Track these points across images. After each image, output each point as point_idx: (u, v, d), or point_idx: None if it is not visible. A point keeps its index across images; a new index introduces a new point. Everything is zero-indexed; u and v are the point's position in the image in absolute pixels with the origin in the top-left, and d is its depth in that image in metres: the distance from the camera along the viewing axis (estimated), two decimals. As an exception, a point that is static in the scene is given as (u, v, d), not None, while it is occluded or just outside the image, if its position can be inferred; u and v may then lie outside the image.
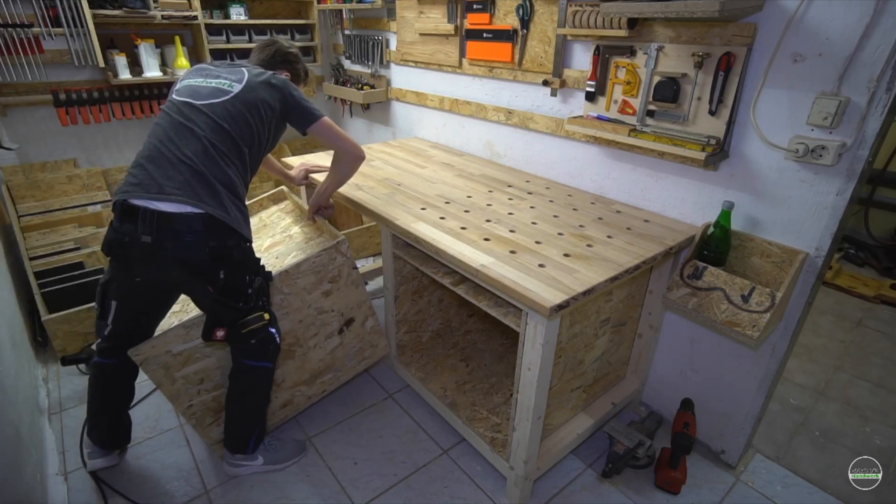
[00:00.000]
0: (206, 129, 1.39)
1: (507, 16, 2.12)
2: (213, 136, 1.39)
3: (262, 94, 1.49)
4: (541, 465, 1.63)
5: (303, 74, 1.79)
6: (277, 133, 1.61)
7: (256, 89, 1.49)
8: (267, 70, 1.60)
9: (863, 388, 2.27)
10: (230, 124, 1.42)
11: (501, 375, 2.02)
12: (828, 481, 1.78)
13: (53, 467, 1.76)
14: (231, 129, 1.42)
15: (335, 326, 1.84)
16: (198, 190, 1.32)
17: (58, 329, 2.19)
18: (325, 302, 1.77)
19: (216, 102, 1.43)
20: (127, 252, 1.35)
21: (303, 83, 1.81)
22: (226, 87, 1.47)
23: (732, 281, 1.45)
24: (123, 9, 2.48)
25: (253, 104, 1.47)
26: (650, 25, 1.64)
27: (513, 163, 2.35)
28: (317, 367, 1.86)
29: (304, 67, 1.80)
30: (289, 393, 1.83)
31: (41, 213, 2.51)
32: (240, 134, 1.44)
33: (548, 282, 1.30)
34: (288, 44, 1.75)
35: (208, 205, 1.32)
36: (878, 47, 1.23)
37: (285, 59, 1.71)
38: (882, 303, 2.96)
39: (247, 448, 1.69)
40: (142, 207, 1.29)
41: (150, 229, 1.30)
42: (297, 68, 1.76)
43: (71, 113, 2.60)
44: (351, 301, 1.84)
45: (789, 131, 1.42)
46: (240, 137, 1.44)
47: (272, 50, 1.70)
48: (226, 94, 1.45)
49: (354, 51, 3.16)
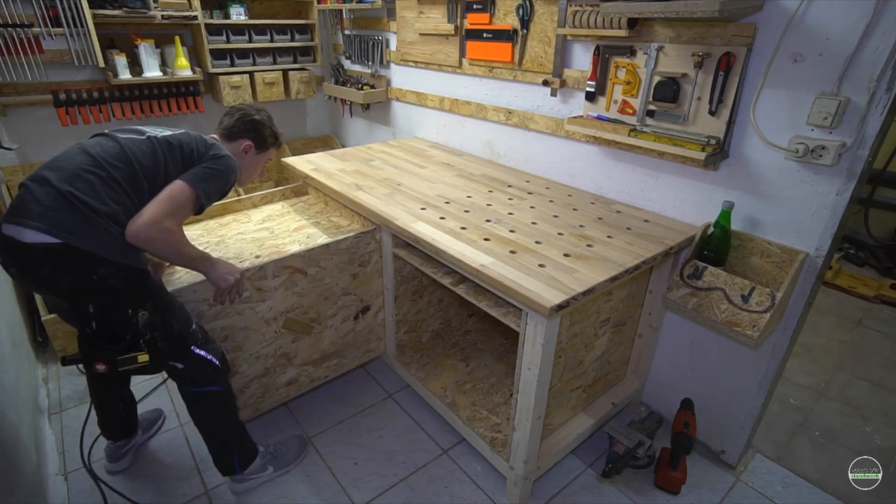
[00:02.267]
0: (104, 155, 1.31)
1: (507, 16, 2.12)
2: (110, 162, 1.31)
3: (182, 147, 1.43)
4: (541, 465, 1.63)
5: (269, 140, 1.70)
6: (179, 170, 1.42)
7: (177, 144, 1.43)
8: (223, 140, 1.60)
9: (863, 388, 2.27)
10: (139, 155, 1.35)
11: (501, 375, 2.02)
12: (828, 481, 1.78)
13: (53, 467, 1.76)
14: (137, 159, 1.34)
15: (353, 311, 1.93)
16: (61, 217, 1.20)
17: (58, 329, 2.19)
18: (350, 284, 1.87)
19: (133, 137, 1.39)
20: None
21: (272, 148, 1.73)
22: (150, 131, 1.43)
23: (732, 281, 1.45)
24: (123, 9, 2.48)
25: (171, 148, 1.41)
26: (650, 25, 1.64)
27: (513, 163, 2.35)
28: (327, 350, 1.91)
29: (273, 132, 1.71)
30: (297, 370, 1.85)
31: (41, 213, 2.51)
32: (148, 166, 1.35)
33: (548, 282, 1.30)
34: (255, 110, 1.67)
35: (70, 234, 1.20)
36: (878, 47, 1.23)
37: (248, 126, 1.63)
38: (882, 303, 2.96)
39: (233, 470, 1.63)
40: (5, 236, 1.21)
41: (11, 261, 1.24)
42: (263, 135, 1.67)
43: (71, 113, 2.59)
44: (371, 289, 1.96)
45: (789, 131, 1.42)
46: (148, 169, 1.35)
47: (237, 116, 1.63)
48: (147, 134, 1.41)
49: (354, 51, 3.16)
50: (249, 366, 1.71)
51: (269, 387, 1.80)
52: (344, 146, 3.74)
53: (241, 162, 1.63)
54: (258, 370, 1.74)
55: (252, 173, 1.72)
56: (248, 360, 1.70)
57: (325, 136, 3.78)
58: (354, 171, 2.22)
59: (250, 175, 1.72)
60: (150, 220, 1.30)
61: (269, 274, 1.64)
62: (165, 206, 1.33)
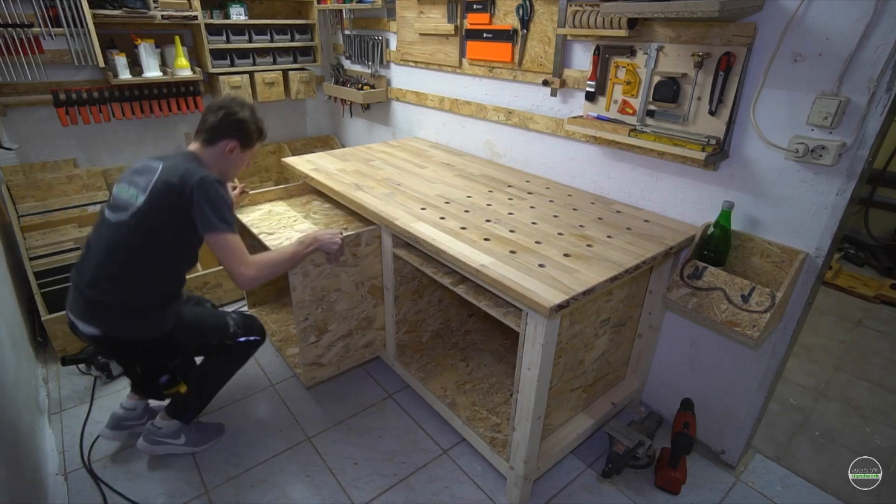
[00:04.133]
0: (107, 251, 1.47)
1: (507, 16, 2.12)
2: (111, 258, 1.47)
3: (168, 199, 1.46)
4: (541, 465, 1.63)
5: (255, 136, 1.68)
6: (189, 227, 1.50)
7: (160, 196, 1.46)
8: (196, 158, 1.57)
9: (863, 388, 2.27)
10: (129, 241, 1.46)
11: (501, 375, 2.02)
12: (828, 481, 1.77)
13: (53, 467, 1.76)
14: (130, 245, 1.46)
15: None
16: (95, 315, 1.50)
17: (58, 329, 2.19)
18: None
19: (122, 221, 1.46)
20: None
21: (258, 143, 1.72)
22: (132, 200, 1.47)
23: (732, 281, 1.45)
24: (123, 9, 2.48)
25: (156, 212, 1.46)
26: (650, 25, 1.64)
27: (513, 163, 2.35)
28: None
29: (258, 127, 1.68)
30: (374, 334, 2.06)
31: (41, 213, 2.51)
32: (141, 247, 1.47)
33: (548, 282, 1.30)
34: (239, 107, 1.63)
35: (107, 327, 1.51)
36: (878, 47, 1.23)
37: (233, 125, 1.61)
38: (882, 303, 2.96)
39: (184, 416, 1.78)
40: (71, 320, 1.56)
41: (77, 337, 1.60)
42: (248, 132, 1.65)
43: (71, 113, 2.59)
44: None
45: (789, 131, 1.42)
46: (141, 250, 1.47)
47: (220, 115, 1.60)
48: (129, 209, 1.46)
49: (354, 51, 3.16)
50: (338, 325, 1.91)
51: (350, 347, 2.00)
52: (344, 146, 3.74)
53: (224, 161, 1.63)
54: (344, 330, 1.94)
55: (237, 170, 1.71)
56: (337, 319, 1.89)
57: (325, 136, 3.78)
58: (354, 171, 2.22)
59: (236, 172, 1.72)
60: (240, 281, 1.53)
61: (363, 241, 1.84)
62: (232, 263, 1.51)
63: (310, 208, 2.21)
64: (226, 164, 1.64)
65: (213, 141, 1.60)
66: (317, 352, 1.89)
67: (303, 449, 1.87)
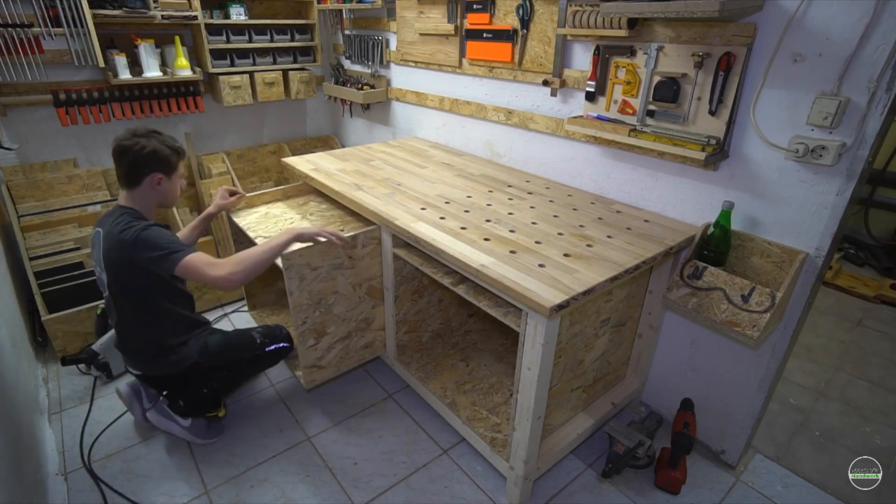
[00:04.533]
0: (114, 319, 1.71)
1: (507, 16, 2.12)
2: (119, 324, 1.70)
3: (124, 272, 1.57)
4: (541, 465, 1.63)
5: (173, 157, 1.65)
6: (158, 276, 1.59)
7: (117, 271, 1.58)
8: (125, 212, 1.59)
9: (863, 388, 2.27)
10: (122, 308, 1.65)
11: (501, 375, 2.02)
12: (828, 481, 1.78)
13: (53, 467, 1.76)
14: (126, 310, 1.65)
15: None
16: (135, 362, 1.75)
17: (58, 329, 2.19)
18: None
19: (107, 296, 1.67)
20: None
21: (180, 162, 1.70)
22: (102, 278, 1.64)
23: (732, 281, 1.45)
24: (123, 9, 2.47)
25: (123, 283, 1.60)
26: (650, 25, 1.64)
27: (513, 163, 2.35)
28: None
29: (172, 148, 1.64)
30: (373, 335, 2.06)
31: (41, 213, 2.51)
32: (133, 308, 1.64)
33: (548, 282, 1.30)
34: (144, 139, 1.58)
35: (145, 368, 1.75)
36: (878, 47, 1.23)
37: (147, 160, 1.58)
38: (882, 303, 2.96)
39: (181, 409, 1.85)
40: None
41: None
42: (165, 158, 1.62)
43: (71, 113, 2.59)
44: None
45: (789, 131, 1.42)
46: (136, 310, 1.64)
47: (127, 161, 1.57)
48: (104, 286, 1.65)
49: (354, 51, 3.16)
50: (336, 327, 1.91)
51: (349, 349, 2.00)
52: (344, 146, 3.74)
53: (157, 195, 1.66)
54: (342, 332, 1.94)
55: (175, 194, 1.72)
56: (335, 321, 1.89)
57: (325, 136, 3.78)
58: (354, 171, 2.22)
59: (174, 197, 1.72)
60: (220, 284, 1.54)
61: (360, 243, 1.83)
62: (202, 276, 1.54)
63: (307, 209, 2.21)
64: (160, 196, 1.67)
65: (136, 183, 1.60)
66: (316, 354, 1.88)
67: (303, 449, 1.87)
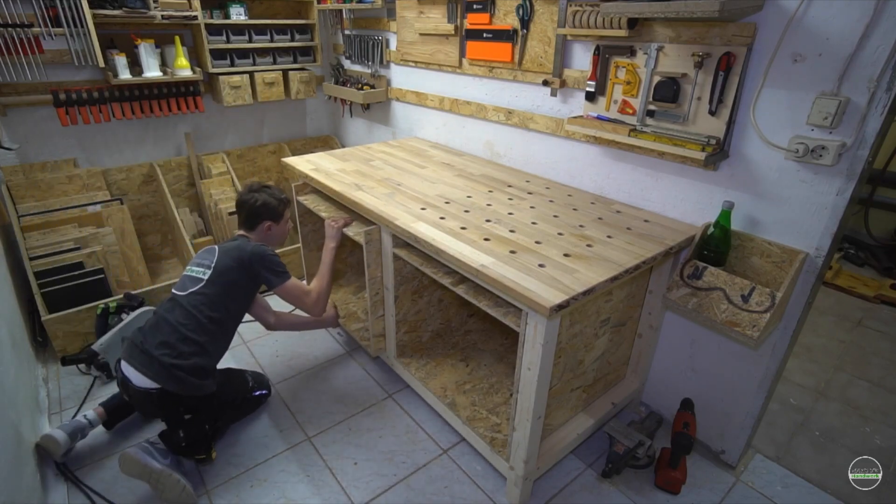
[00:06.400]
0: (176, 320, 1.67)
1: (507, 16, 2.12)
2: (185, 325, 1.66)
3: (229, 275, 1.76)
4: (541, 465, 1.63)
5: (280, 208, 1.96)
6: (251, 291, 1.87)
7: (223, 272, 1.75)
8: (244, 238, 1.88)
9: (863, 388, 2.27)
10: (199, 309, 1.69)
11: (501, 375, 2.02)
12: (828, 481, 1.77)
13: (53, 467, 1.76)
14: (200, 313, 1.68)
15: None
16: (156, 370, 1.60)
17: (58, 329, 2.20)
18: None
19: (191, 293, 1.72)
20: None
21: (286, 211, 2.00)
22: (199, 276, 1.75)
23: (732, 281, 1.45)
24: (123, 9, 2.48)
25: (221, 284, 1.74)
26: (650, 25, 1.64)
27: (513, 163, 2.35)
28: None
29: (279, 199, 1.96)
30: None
31: (41, 213, 2.51)
32: (210, 314, 1.70)
33: (548, 282, 1.30)
34: (256, 194, 1.91)
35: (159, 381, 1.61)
36: (878, 47, 1.23)
37: (259, 212, 1.91)
38: (882, 303, 2.96)
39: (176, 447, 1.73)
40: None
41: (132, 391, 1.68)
42: (272, 209, 1.93)
43: (71, 113, 2.59)
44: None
45: (789, 131, 1.42)
46: (210, 316, 1.70)
47: (245, 212, 1.92)
48: (198, 283, 1.73)
49: (354, 51, 3.16)
50: None
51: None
52: (344, 146, 3.74)
53: (269, 237, 1.96)
54: None
55: (283, 237, 2.05)
56: None
57: (325, 136, 3.78)
58: (354, 171, 2.22)
59: (282, 238, 2.05)
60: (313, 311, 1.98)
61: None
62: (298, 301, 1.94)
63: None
64: (270, 238, 1.97)
65: (252, 228, 1.93)
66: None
67: (303, 449, 1.87)
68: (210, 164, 3.14)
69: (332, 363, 2.34)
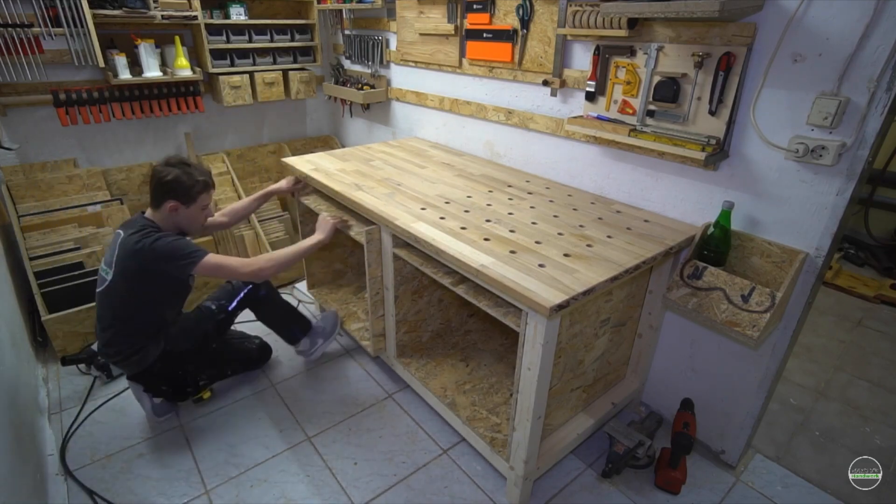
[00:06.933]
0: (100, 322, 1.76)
1: (507, 16, 2.12)
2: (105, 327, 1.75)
3: (133, 278, 1.68)
4: (541, 465, 1.63)
5: (194, 189, 1.72)
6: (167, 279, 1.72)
7: (125, 272, 1.68)
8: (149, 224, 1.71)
9: (863, 388, 2.27)
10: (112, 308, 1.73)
11: (501, 375, 2.02)
12: (828, 481, 1.78)
13: (53, 467, 1.76)
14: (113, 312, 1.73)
15: None
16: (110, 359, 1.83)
17: (58, 329, 2.19)
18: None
19: (98, 293, 1.75)
20: None
21: (203, 194, 1.76)
22: (104, 275, 1.73)
23: (732, 281, 1.45)
24: (123, 9, 2.47)
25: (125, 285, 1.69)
26: (650, 25, 1.64)
27: (513, 163, 2.35)
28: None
29: (194, 180, 1.72)
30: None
31: (41, 213, 2.51)
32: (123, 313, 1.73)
33: (548, 282, 1.30)
34: (169, 168, 1.70)
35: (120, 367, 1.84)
36: (878, 47, 1.23)
37: (166, 188, 1.69)
38: (882, 303, 2.96)
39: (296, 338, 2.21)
40: None
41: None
42: (183, 189, 1.70)
43: (71, 113, 2.59)
44: None
45: (789, 131, 1.42)
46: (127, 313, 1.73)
47: (152, 184, 1.71)
48: (104, 283, 1.72)
49: (354, 51, 3.16)
50: None
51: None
52: (344, 146, 3.74)
53: (174, 219, 1.75)
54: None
55: (195, 222, 1.83)
56: None
57: (325, 136, 3.78)
58: (354, 171, 2.22)
59: (195, 224, 1.83)
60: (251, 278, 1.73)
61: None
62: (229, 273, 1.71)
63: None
64: (178, 221, 1.77)
65: (156, 205, 1.74)
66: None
67: (303, 449, 1.87)
68: (210, 164, 3.14)
69: (332, 363, 2.34)
